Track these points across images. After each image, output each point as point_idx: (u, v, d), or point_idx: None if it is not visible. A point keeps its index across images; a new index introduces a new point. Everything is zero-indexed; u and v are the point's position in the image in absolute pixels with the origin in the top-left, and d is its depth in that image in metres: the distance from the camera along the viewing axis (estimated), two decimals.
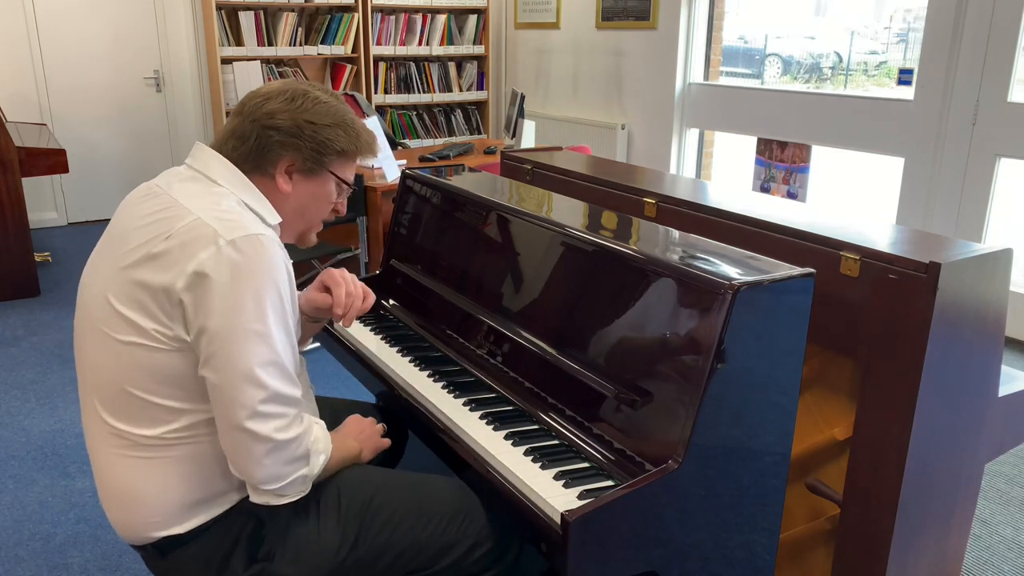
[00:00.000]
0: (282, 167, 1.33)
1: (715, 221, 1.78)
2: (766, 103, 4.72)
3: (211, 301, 1.17)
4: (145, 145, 5.79)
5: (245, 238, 1.19)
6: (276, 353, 1.20)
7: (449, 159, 4.23)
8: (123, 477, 1.28)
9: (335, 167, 1.38)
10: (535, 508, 1.24)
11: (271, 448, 1.20)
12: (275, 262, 1.21)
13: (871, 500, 1.56)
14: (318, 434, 1.31)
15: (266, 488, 1.23)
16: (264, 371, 1.18)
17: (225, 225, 1.20)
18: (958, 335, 1.50)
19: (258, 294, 1.18)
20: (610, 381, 1.36)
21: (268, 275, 1.19)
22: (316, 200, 1.39)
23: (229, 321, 1.17)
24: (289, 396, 1.22)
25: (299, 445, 1.24)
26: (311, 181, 1.36)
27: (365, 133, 1.41)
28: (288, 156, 1.32)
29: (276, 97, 1.32)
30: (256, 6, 5.33)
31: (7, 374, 3.34)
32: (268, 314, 1.19)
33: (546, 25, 6.02)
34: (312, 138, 1.32)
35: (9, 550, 2.22)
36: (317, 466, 1.29)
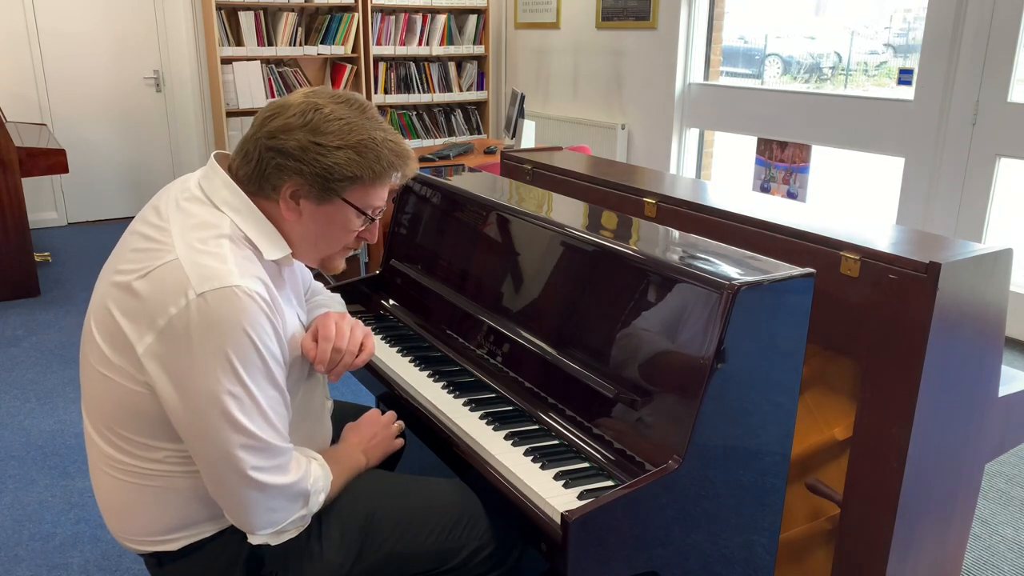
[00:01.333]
0: (285, 192, 1.20)
1: (715, 221, 1.78)
2: (766, 103, 4.72)
3: (177, 362, 1.10)
4: (145, 145, 5.79)
5: (217, 292, 1.09)
6: (256, 408, 1.13)
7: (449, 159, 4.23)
8: (112, 493, 1.27)
9: (349, 195, 1.22)
10: (535, 508, 1.24)
11: (266, 496, 1.16)
12: (249, 317, 1.11)
13: (871, 500, 1.56)
14: (316, 473, 1.26)
15: (263, 533, 1.20)
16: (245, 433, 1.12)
17: (200, 273, 1.11)
18: (958, 335, 1.50)
19: (227, 353, 1.10)
20: (610, 381, 1.36)
21: (239, 331, 1.10)
22: (330, 229, 1.25)
23: (199, 385, 1.10)
24: (275, 446, 1.17)
25: (295, 488, 1.20)
26: (322, 208, 1.22)
27: (389, 153, 1.23)
28: (292, 181, 1.19)
29: (288, 111, 1.19)
30: (256, 6, 5.33)
31: (7, 374, 3.34)
32: (240, 372, 1.11)
33: (546, 25, 6.01)
34: (316, 162, 1.18)
35: (9, 550, 2.22)
36: (317, 504, 1.25)
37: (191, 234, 1.16)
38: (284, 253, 1.24)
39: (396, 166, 1.24)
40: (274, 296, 1.19)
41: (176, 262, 1.12)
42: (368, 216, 1.26)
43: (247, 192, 1.22)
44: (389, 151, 1.22)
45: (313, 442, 1.40)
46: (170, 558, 1.28)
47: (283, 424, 1.19)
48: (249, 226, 1.20)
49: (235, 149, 1.24)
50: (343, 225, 1.25)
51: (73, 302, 4.12)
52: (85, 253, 5.00)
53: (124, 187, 5.78)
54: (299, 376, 1.33)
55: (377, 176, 1.22)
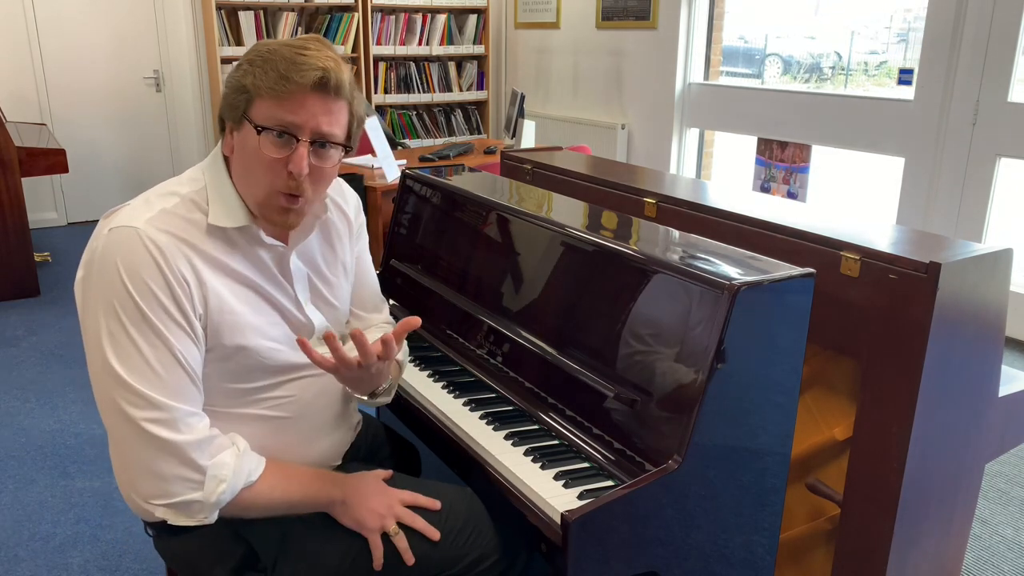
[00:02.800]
0: (228, 131, 1.23)
1: (715, 221, 1.78)
2: (766, 103, 4.72)
3: (80, 294, 1.18)
4: (145, 145, 5.79)
5: (119, 230, 1.15)
6: (136, 354, 1.13)
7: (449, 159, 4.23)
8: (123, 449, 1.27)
9: (252, 112, 1.18)
10: (535, 508, 1.24)
11: (148, 449, 1.13)
12: (134, 259, 1.13)
13: (871, 500, 1.56)
14: (224, 460, 1.18)
15: (154, 503, 1.16)
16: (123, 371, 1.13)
17: (124, 214, 1.18)
18: (958, 335, 1.50)
19: (111, 291, 1.14)
20: (610, 381, 1.36)
21: (122, 271, 1.13)
22: (251, 160, 1.20)
23: (89, 320, 1.17)
24: (158, 399, 1.14)
25: (184, 452, 1.14)
26: (239, 137, 1.21)
27: (282, 60, 1.15)
28: (225, 118, 1.23)
29: None
30: (256, 6, 5.33)
31: (7, 374, 3.34)
32: (120, 314, 1.13)
33: (546, 25, 6.01)
34: (227, 84, 1.21)
35: (9, 550, 2.22)
36: (213, 495, 1.17)
37: (159, 188, 1.24)
38: (235, 223, 1.22)
39: (291, 73, 1.15)
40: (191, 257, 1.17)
41: (125, 206, 1.21)
42: (258, 128, 1.17)
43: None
44: (281, 58, 1.16)
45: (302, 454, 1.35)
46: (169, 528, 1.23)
47: (171, 380, 1.15)
48: (214, 191, 1.24)
49: None
50: (255, 151, 1.18)
51: (73, 302, 4.09)
52: None
53: (124, 187, 5.78)
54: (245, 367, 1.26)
55: (274, 89, 1.15)
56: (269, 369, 1.29)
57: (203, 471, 1.17)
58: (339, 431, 1.44)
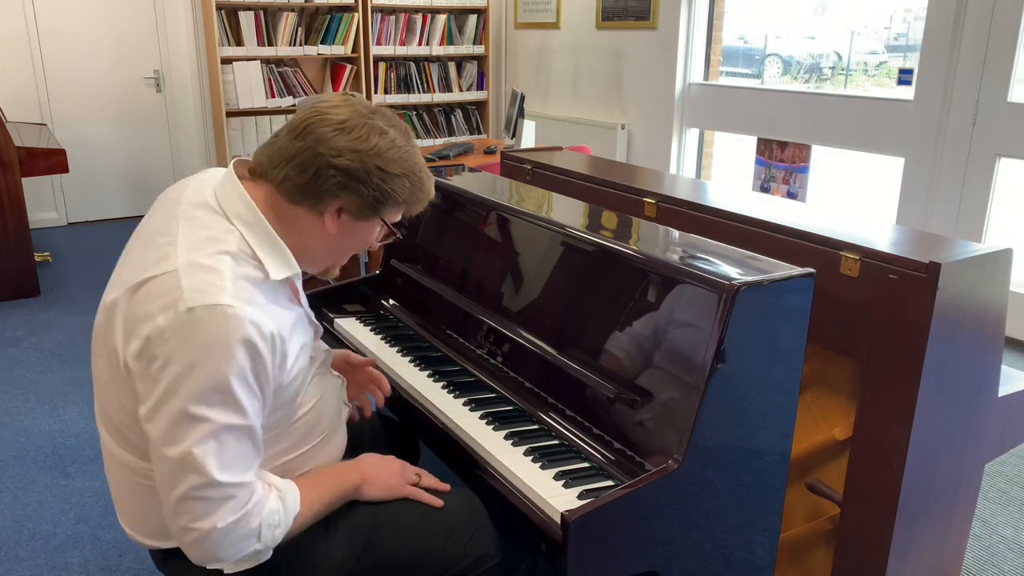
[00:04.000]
0: (334, 207, 1.22)
1: (715, 221, 1.78)
2: (766, 103, 4.72)
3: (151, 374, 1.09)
4: (145, 145, 5.78)
5: (205, 309, 1.08)
6: (216, 439, 1.10)
7: (449, 159, 4.23)
8: (125, 493, 1.28)
9: (388, 214, 1.29)
10: (535, 508, 1.24)
11: (213, 531, 1.13)
12: (234, 337, 1.09)
13: (871, 500, 1.56)
14: (273, 507, 1.20)
15: (214, 565, 1.17)
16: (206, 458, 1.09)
17: (193, 287, 1.10)
18: (958, 335, 1.50)
19: (205, 374, 1.08)
20: (610, 381, 1.36)
21: (221, 352, 1.08)
22: (355, 243, 1.31)
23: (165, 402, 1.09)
24: (230, 483, 1.12)
25: (244, 526, 1.15)
26: (359, 225, 1.27)
27: (429, 183, 1.31)
28: (345, 198, 1.22)
29: (349, 130, 1.20)
30: (256, 6, 5.32)
31: (7, 374, 3.34)
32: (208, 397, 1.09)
33: (546, 25, 6.01)
34: (378, 187, 1.22)
35: (9, 550, 2.22)
36: (272, 540, 1.20)
37: (196, 247, 1.15)
38: (292, 272, 1.24)
39: (429, 194, 1.33)
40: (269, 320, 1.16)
41: (174, 273, 1.12)
42: (395, 235, 1.33)
43: (287, 199, 1.22)
44: (429, 180, 1.31)
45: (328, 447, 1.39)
46: (175, 553, 1.27)
47: (243, 458, 1.15)
48: (258, 242, 1.20)
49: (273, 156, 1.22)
50: (366, 240, 1.32)
51: (73, 302, 4.11)
52: (85, 253, 5.00)
53: (124, 187, 5.78)
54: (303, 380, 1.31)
55: (418, 203, 1.31)
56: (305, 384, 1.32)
57: (260, 528, 1.18)
58: (343, 424, 1.47)
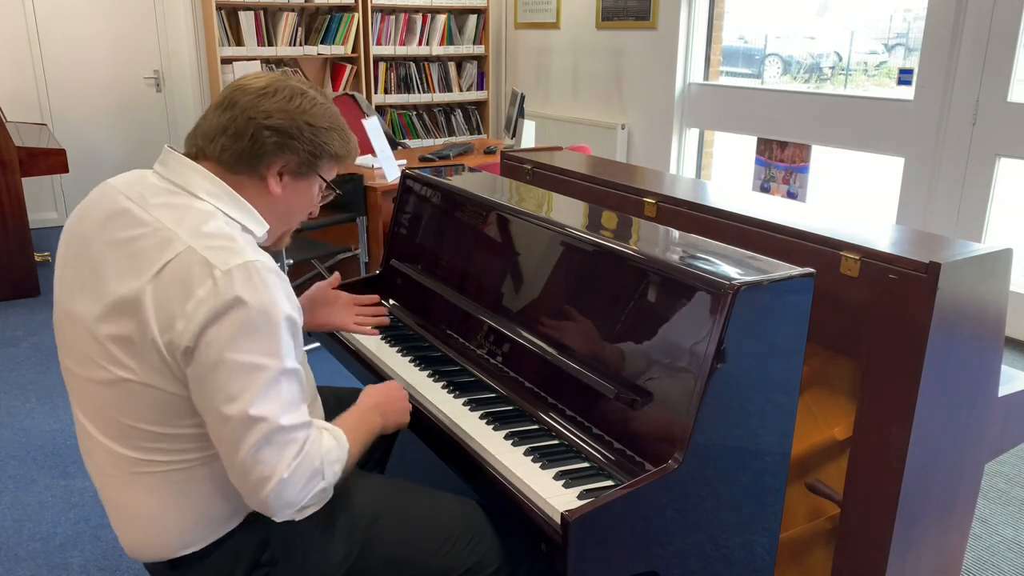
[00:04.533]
0: (275, 169, 1.28)
1: (715, 221, 1.78)
2: (766, 103, 4.72)
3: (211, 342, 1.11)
4: (145, 145, 5.78)
5: (241, 267, 1.13)
6: (278, 386, 1.15)
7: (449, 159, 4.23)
8: (133, 502, 1.24)
9: (324, 170, 1.35)
10: (535, 508, 1.24)
11: (281, 477, 1.15)
12: (275, 290, 1.15)
13: (871, 500, 1.56)
14: (329, 444, 1.24)
15: (285, 513, 1.19)
16: (266, 406, 1.13)
17: (217, 254, 1.13)
18: (958, 335, 1.50)
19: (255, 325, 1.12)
20: (610, 381, 1.36)
21: (268, 302, 1.13)
22: (300, 203, 1.36)
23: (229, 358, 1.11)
24: (292, 425, 1.16)
25: (308, 466, 1.18)
26: (300, 184, 1.32)
27: (354, 138, 1.39)
28: (283, 158, 1.27)
29: (272, 95, 1.26)
30: (256, 6, 5.33)
31: (7, 374, 3.34)
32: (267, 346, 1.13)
33: (546, 25, 6.01)
34: (310, 141, 1.29)
35: (9, 550, 2.22)
36: (333, 475, 1.23)
37: (189, 223, 1.18)
38: (265, 229, 1.31)
39: (356, 148, 1.40)
40: None
41: (189, 250, 1.14)
42: (332, 190, 1.40)
43: (228, 171, 1.26)
44: (351, 135, 1.38)
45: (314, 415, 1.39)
46: (183, 562, 1.27)
47: (301, 400, 1.20)
48: (233, 210, 1.25)
49: (204, 132, 1.26)
50: (308, 200, 1.37)
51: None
52: None
53: None
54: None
55: (348, 155, 1.37)
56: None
57: (322, 467, 1.21)
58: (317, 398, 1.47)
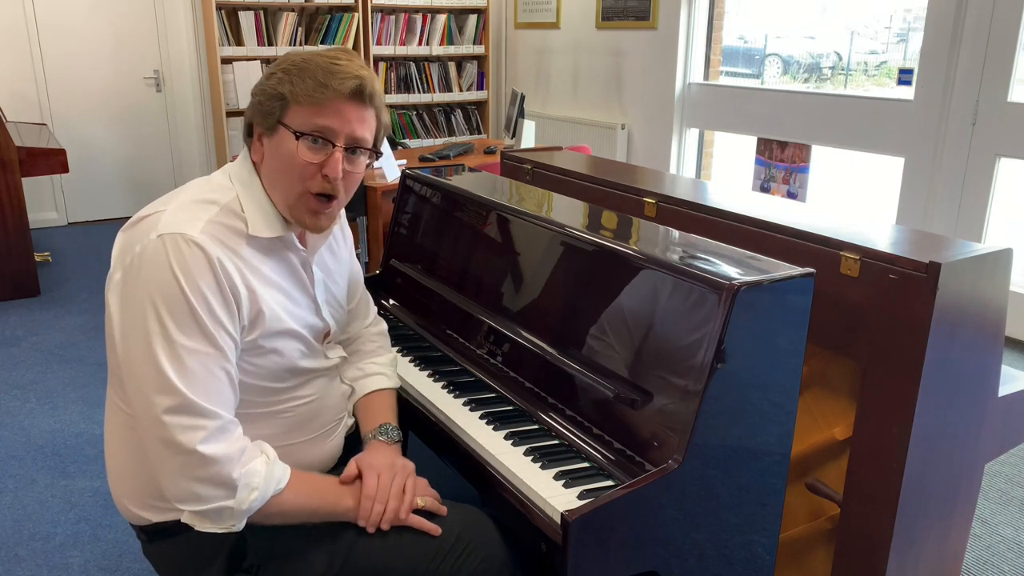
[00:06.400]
0: (256, 135, 1.26)
1: (715, 221, 1.78)
2: (766, 103, 4.72)
3: (123, 298, 1.16)
4: (145, 145, 5.78)
5: (171, 236, 1.14)
6: (179, 359, 1.12)
7: (449, 159, 4.23)
8: (117, 448, 1.30)
9: (288, 119, 1.22)
10: (535, 508, 1.24)
11: (182, 459, 1.12)
12: (189, 265, 1.13)
13: (871, 500, 1.56)
14: (256, 468, 1.17)
15: (183, 508, 1.16)
16: (174, 377, 1.12)
17: (169, 221, 1.16)
18: (958, 335, 1.50)
19: (161, 294, 1.12)
20: (610, 381, 1.36)
21: (176, 276, 1.13)
22: (284, 163, 1.23)
23: (133, 322, 1.14)
24: (205, 408, 1.13)
25: (219, 467, 1.13)
26: (273, 141, 1.24)
27: (321, 69, 1.20)
28: (257, 125, 1.25)
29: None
30: (256, 6, 5.32)
31: (7, 374, 3.34)
32: (166, 318, 1.12)
33: (546, 25, 6.01)
34: (261, 92, 1.23)
35: (9, 550, 2.22)
36: (245, 503, 1.16)
37: (194, 195, 1.23)
38: (274, 233, 1.26)
39: (328, 83, 1.20)
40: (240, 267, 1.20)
41: (163, 212, 1.19)
42: (300, 134, 1.21)
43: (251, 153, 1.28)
44: (321, 68, 1.20)
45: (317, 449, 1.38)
46: (158, 534, 1.28)
47: (215, 388, 1.16)
48: (248, 200, 1.25)
49: None
50: (288, 155, 1.22)
51: (73, 302, 4.11)
52: (85, 253, 5.00)
53: (124, 187, 5.78)
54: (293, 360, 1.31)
55: (311, 96, 1.19)
56: (296, 370, 1.34)
57: (236, 480, 1.16)
58: (338, 434, 1.46)
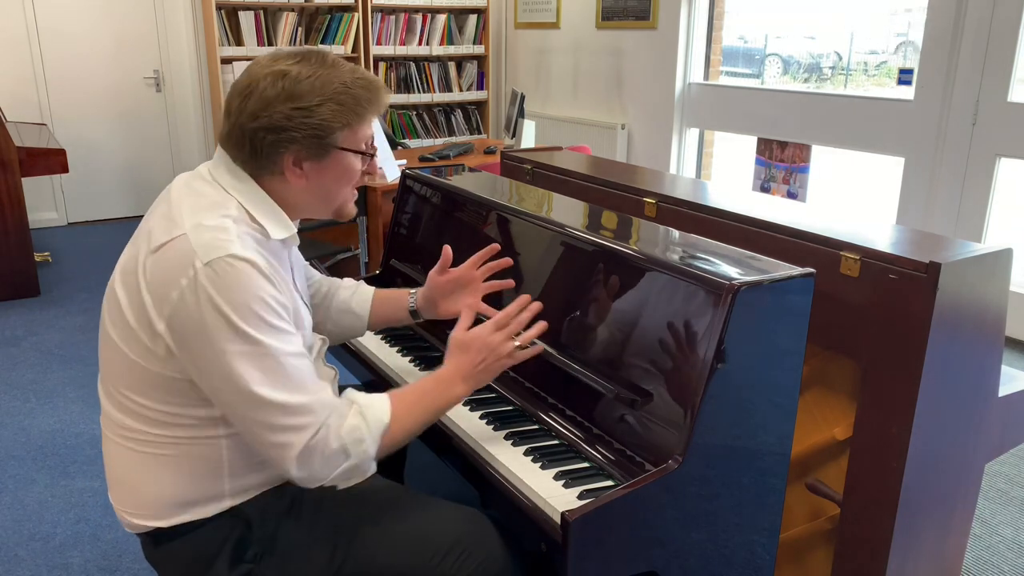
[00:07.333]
0: (287, 163, 1.25)
1: (715, 221, 1.78)
2: (766, 103, 4.72)
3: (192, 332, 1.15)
4: (145, 145, 5.79)
5: (221, 260, 1.15)
6: (273, 365, 1.17)
7: (449, 159, 4.23)
8: (118, 463, 1.30)
9: (344, 142, 1.27)
10: (535, 508, 1.24)
11: (299, 455, 1.18)
12: (253, 283, 1.17)
13: (871, 500, 1.56)
14: (353, 424, 1.23)
15: (312, 486, 1.23)
16: (265, 389, 1.16)
17: (205, 245, 1.16)
18: (958, 335, 1.50)
19: (239, 313, 1.14)
20: (610, 381, 1.36)
21: (247, 293, 1.15)
22: (338, 179, 1.30)
23: (216, 350, 1.15)
24: (298, 404, 1.18)
25: (326, 445, 1.20)
26: (324, 164, 1.27)
27: (364, 91, 1.27)
28: (289, 151, 1.24)
29: (251, 93, 1.22)
30: (256, 6, 5.33)
31: (7, 374, 3.34)
32: (251, 333, 1.15)
33: (546, 25, 6.01)
34: (307, 125, 1.22)
35: (9, 550, 2.22)
36: (362, 454, 1.23)
37: (199, 212, 1.21)
38: (289, 232, 1.30)
39: (372, 101, 1.29)
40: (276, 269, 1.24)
41: (184, 237, 1.18)
42: (365, 153, 1.31)
43: (252, 175, 1.27)
44: (362, 89, 1.27)
45: None
46: (165, 536, 1.29)
47: (306, 379, 1.21)
48: (255, 207, 1.26)
49: (221, 141, 1.28)
50: (347, 171, 1.30)
51: (73, 302, 4.11)
52: (85, 253, 5.00)
53: (124, 187, 5.78)
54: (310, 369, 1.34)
55: (361, 117, 1.28)
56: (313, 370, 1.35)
57: (346, 446, 1.22)
58: None
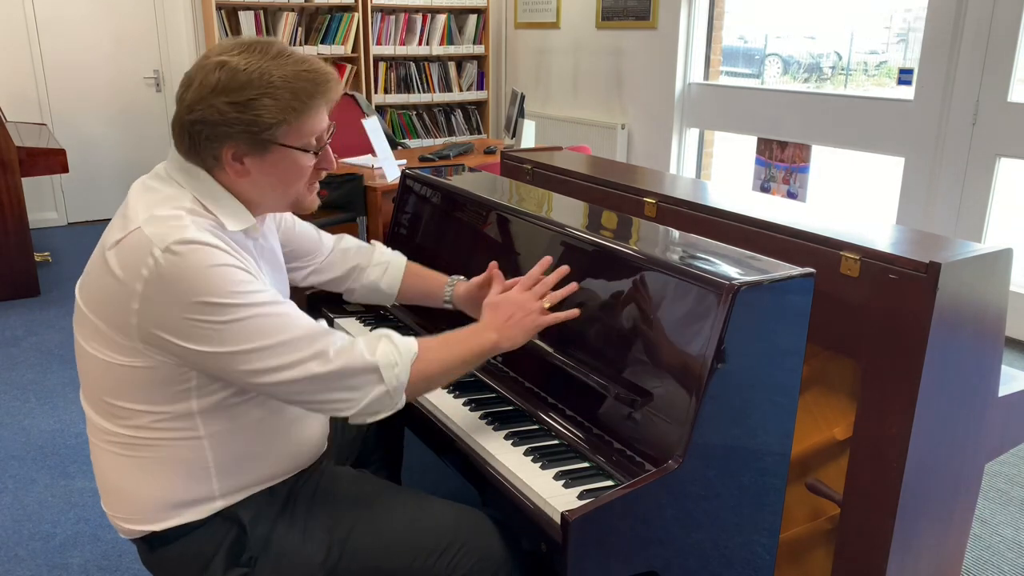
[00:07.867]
0: (227, 157, 1.20)
1: (715, 221, 1.78)
2: (766, 103, 4.72)
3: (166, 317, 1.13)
4: (145, 145, 5.79)
5: (179, 244, 1.12)
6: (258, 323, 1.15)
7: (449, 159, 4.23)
8: (107, 470, 1.29)
9: (284, 138, 1.21)
10: (535, 508, 1.24)
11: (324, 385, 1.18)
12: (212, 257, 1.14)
13: (871, 500, 1.56)
14: (385, 349, 1.23)
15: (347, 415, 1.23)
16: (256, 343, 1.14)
17: (160, 233, 1.13)
18: (958, 335, 1.50)
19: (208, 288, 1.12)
20: (610, 381, 1.36)
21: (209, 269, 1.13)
22: (285, 175, 1.25)
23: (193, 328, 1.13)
24: (304, 336, 1.17)
25: (352, 369, 1.19)
26: (266, 159, 1.22)
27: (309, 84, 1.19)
28: (227, 145, 1.19)
29: (191, 83, 1.19)
30: (256, 6, 5.33)
31: (7, 374, 3.34)
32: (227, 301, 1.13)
33: (546, 25, 6.01)
34: (240, 120, 1.17)
35: (9, 550, 2.22)
36: (394, 379, 1.23)
37: (152, 206, 1.19)
38: (247, 224, 1.26)
39: (316, 94, 1.21)
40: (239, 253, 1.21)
41: (139, 230, 1.15)
42: (310, 150, 1.25)
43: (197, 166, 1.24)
44: (304, 82, 1.20)
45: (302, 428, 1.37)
46: (159, 541, 1.28)
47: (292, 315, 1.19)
48: (209, 200, 1.23)
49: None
50: (294, 167, 1.25)
51: (73, 302, 4.10)
52: (85, 253, 5.00)
53: (124, 187, 5.77)
54: None
55: (302, 112, 1.20)
56: None
57: (375, 363, 1.22)
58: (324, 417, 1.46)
